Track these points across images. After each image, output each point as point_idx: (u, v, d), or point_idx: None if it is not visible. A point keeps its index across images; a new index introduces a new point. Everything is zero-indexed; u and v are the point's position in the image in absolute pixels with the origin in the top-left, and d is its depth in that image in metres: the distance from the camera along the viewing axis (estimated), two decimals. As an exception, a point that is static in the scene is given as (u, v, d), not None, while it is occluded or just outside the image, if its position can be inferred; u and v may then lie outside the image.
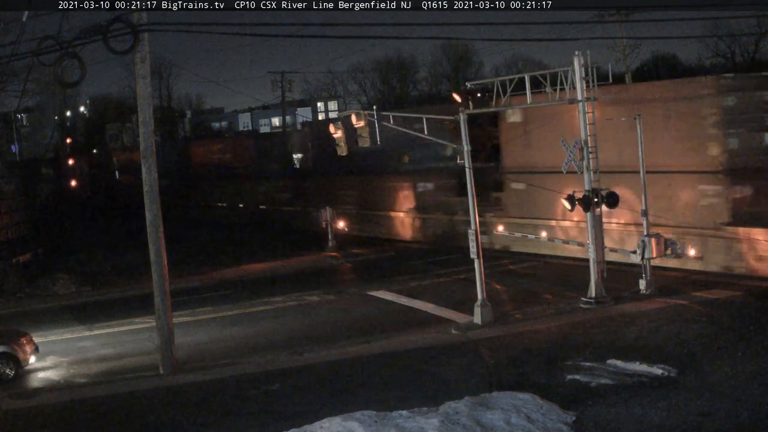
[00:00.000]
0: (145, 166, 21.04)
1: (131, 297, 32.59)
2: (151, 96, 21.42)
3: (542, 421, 14.94)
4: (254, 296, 30.99)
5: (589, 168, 24.36)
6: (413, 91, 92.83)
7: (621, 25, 46.33)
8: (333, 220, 41.36)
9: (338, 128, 25.96)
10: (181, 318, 26.19)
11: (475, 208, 23.91)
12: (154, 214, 21.01)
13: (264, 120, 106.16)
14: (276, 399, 18.26)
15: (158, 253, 21.04)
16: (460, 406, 15.52)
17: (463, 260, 27.79)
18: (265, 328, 26.11)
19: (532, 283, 29.42)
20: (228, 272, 37.40)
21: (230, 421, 16.94)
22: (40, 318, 29.70)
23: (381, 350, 21.81)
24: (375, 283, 31.67)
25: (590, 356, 19.16)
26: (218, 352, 23.24)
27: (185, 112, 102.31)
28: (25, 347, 22.22)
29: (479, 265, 23.65)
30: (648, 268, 25.37)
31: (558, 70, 25.33)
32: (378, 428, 14.66)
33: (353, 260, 38.57)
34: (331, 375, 19.83)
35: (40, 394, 20.52)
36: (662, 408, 15.43)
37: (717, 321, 21.50)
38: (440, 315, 25.43)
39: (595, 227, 24.61)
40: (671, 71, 72.52)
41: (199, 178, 68.86)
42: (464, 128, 23.97)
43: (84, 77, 21.28)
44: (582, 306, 24.41)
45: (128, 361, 22.98)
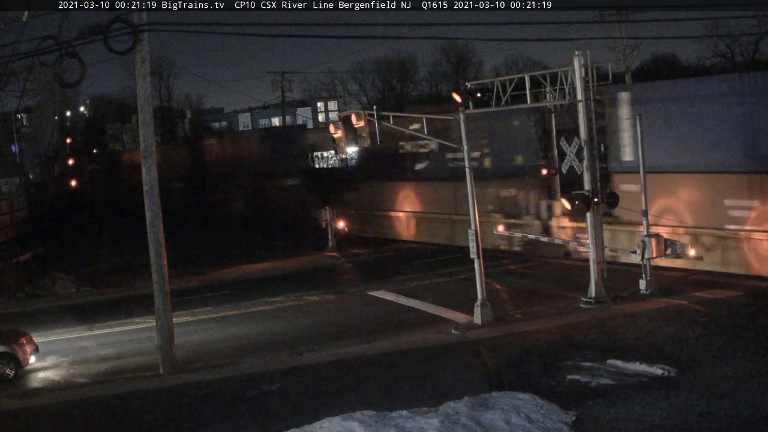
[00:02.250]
0: (145, 166, 21.04)
1: (131, 297, 32.59)
2: (151, 96, 21.42)
3: (542, 421, 14.94)
4: (254, 296, 31.00)
5: (589, 168, 24.36)
6: (413, 91, 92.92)
7: (621, 25, 46.37)
8: (333, 220, 41.34)
9: (338, 128, 25.95)
10: (181, 318, 26.21)
11: (475, 208, 23.88)
12: (154, 214, 21.01)
13: (264, 120, 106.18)
14: (276, 399, 18.26)
15: (158, 253, 21.04)
16: (460, 406, 15.51)
17: (463, 260, 27.79)
18: (265, 328, 26.10)
19: (532, 283, 29.41)
20: (228, 272, 37.40)
21: (230, 421, 16.94)
22: (40, 318, 29.70)
23: (381, 350, 21.82)
24: (375, 282, 31.69)
25: (590, 356, 19.16)
26: (218, 352, 23.23)
27: (185, 112, 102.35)
28: (25, 347, 22.22)
29: (479, 265, 23.65)
30: (648, 268, 25.36)
31: (558, 70, 25.35)
32: (378, 428, 14.66)
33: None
34: (331, 375, 19.82)
35: (40, 394, 20.52)
36: (662, 408, 15.42)
37: (717, 321, 21.50)
38: (440, 315, 25.42)
39: (595, 227, 24.62)
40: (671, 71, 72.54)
41: (216, 176, 63.88)
42: (464, 128, 23.95)
43: (84, 77, 21.31)
44: (582, 306, 24.41)
45: (128, 361, 22.98)
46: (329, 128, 26.81)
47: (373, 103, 73.80)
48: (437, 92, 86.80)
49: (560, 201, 25.42)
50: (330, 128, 26.60)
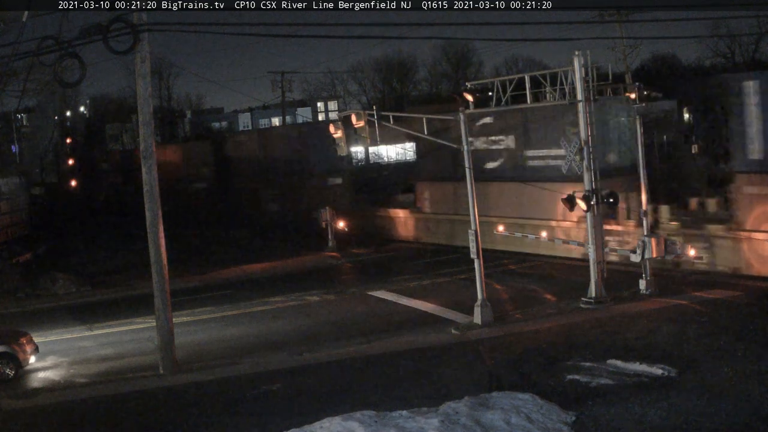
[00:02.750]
0: (145, 166, 21.05)
1: (131, 297, 32.57)
2: (151, 96, 21.42)
3: (542, 421, 14.94)
4: (254, 296, 30.99)
5: (589, 168, 24.37)
6: (413, 91, 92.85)
7: (621, 25, 46.34)
8: (333, 220, 41.29)
9: (338, 128, 25.95)
10: (181, 318, 26.20)
11: (475, 208, 23.87)
12: (154, 214, 21.01)
13: (264, 120, 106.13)
14: (276, 399, 18.26)
15: (158, 253, 21.04)
16: (460, 406, 15.52)
17: (464, 260, 27.77)
18: (265, 328, 26.09)
19: (532, 283, 29.41)
20: (228, 272, 37.38)
21: (230, 421, 16.95)
22: (40, 318, 29.68)
23: (381, 350, 21.82)
24: (376, 283, 31.68)
25: (590, 356, 19.16)
26: (218, 352, 23.23)
27: (185, 112, 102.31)
28: (25, 347, 22.21)
29: (479, 265, 23.65)
30: (648, 268, 25.36)
31: (558, 70, 25.39)
32: (378, 428, 14.66)
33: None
34: (331, 375, 19.83)
35: (40, 394, 20.51)
36: (662, 408, 15.43)
37: (717, 321, 21.50)
38: (440, 315, 25.41)
39: (595, 227, 24.62)
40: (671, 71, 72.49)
41: (243, 175, 58.48)
42: (464, 128, 23.94)
43: (84, 77, 21.29)
44: (582, 306, 24.41)
45: (128, 361, 22.97)
46: (329, 128, 26.80)
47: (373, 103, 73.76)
48: (437, 92, 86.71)
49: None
50: (330, 128, 26.59)
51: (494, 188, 35.07)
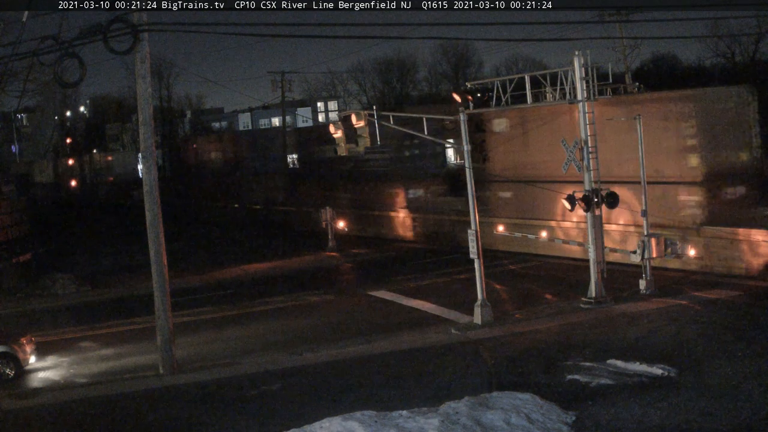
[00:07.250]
0: (145, 166, 21.05)
1: (131, 297, 32.58)
2: (151, 96, 21.42)
3: (542, 421, 14.95)
4: (254, 296, 30.98)
5: (589, 168, 24.37)
6: (413, 91, 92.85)
7: (621, 25, 46.35)
8: (333, 220, 41.29)
9: (338, 128, 25.96)
10: (181, 318, 26.17)
11: (475, 208, 23.88)
12: (154, 214, 21.01)
13: (264, 120, 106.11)
14: (276, 399, 18.26)
15: (158, 253, 21.04)
16: (460, 406, 15.52)
17: (463, 260, 27.77)
18: (265, 328, 26.09)
19: (532, 283, 29.40)
20: (228, 272, 37.38)
21: (230, 421, 16.95)
22: (40, 318, 29.69)
23: (381, 350, 21.82)
24: (376, 283, 31.67)
25: (590, 356, 19.17)
26: (218, 352, 23.23)
27: (185, 112, 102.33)
28: (25, 347, 22.22)
29: (479, 265, 23.65)
30: (648, 268, 25.36)
31: (558, 70, 25.37)
32: (378, 428, 14.66)
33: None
34: (331, 375, 19.83)
35: (40, 394, 20.51)
36: (662, 408, 15.43)
37: (717, 321, 21.50)
38: (440, 315, 25.42)
39: (595, 227, 24.62)
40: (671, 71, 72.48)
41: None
42: (464, 128, 23.95)
43: (84, 77, 21.28)
44: (582, 306, 24.41)
45: (128, 361, 22.97)
46: (329, 128, 26.81)
47: (373, 103, 73.78)
48: (437, 92, 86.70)
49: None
50: (330, 128, 26.60)
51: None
